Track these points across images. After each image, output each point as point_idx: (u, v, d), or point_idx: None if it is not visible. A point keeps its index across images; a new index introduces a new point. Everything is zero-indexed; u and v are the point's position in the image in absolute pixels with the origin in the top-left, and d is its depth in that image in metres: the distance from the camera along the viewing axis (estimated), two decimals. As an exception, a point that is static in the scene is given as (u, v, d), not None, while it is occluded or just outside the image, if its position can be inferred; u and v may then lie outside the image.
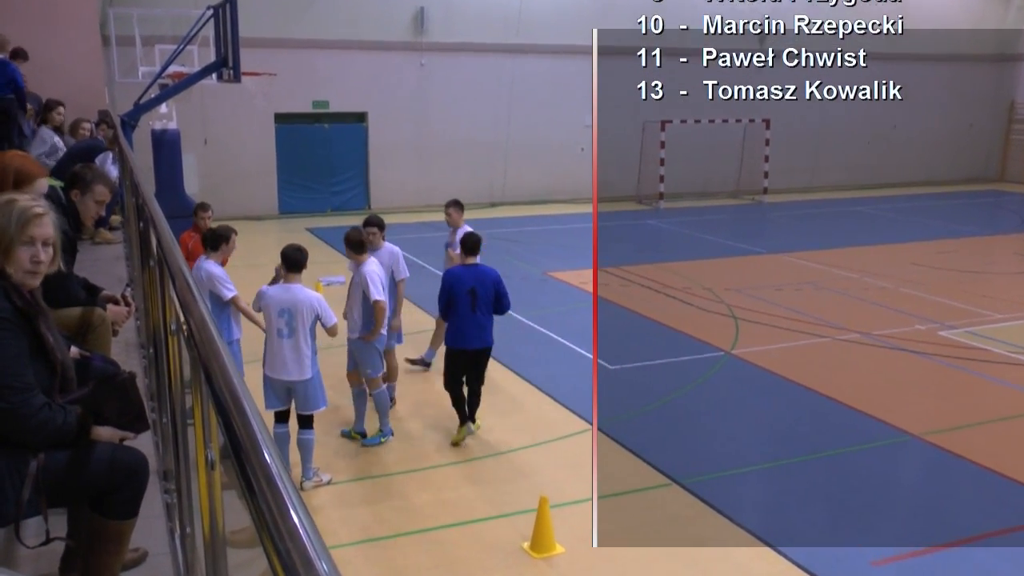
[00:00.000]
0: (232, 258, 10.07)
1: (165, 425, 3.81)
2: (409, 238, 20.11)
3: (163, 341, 3.52)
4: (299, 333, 7.71)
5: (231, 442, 1.57)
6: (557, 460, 8.86)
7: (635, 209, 26.29)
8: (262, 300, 7.82)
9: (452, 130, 25.48)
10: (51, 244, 3.14)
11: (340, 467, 8.50)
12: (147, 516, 3.46)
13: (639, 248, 19.99)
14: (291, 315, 7.69)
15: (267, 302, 7.79)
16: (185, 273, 2.76)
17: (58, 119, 11.47)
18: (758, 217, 25.79)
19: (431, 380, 10.74)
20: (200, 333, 2.14)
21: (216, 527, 2.21)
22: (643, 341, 12.67)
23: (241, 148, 23.34)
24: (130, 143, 12.95)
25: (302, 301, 7.74)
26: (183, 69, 17.66)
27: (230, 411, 1.66)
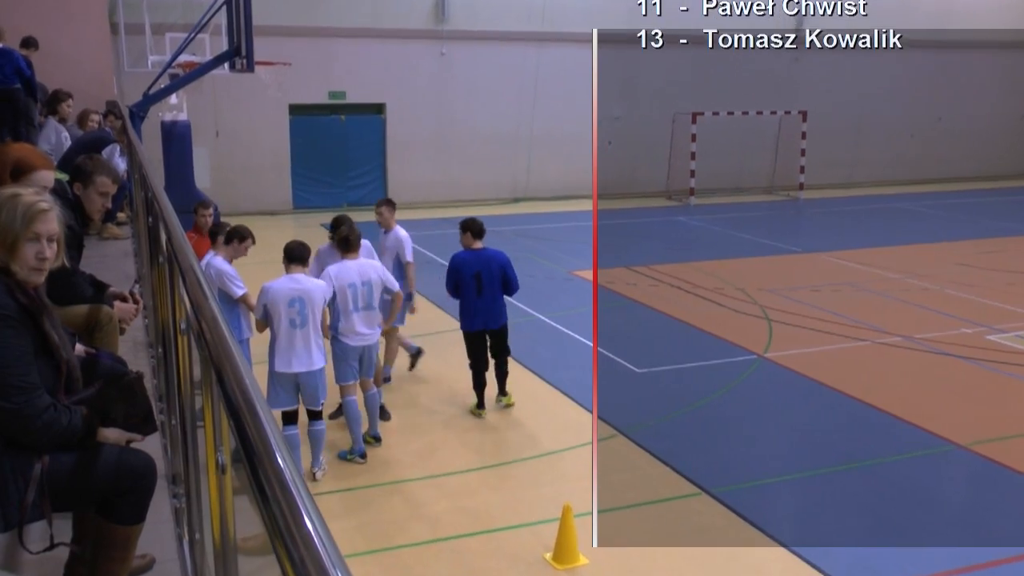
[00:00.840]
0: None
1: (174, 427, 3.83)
2: (429, 235, 20.14)
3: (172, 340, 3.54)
4: (311, 322, 7.90)
5: (243, 445, 1.57)
6: (581, 467, 8.84)
7: (665, 205, 26.21)
8: (267, 295, 7.88)
9: (473, 122, 25.50)
10: (55, 240, 3.17)
11: (355, 473, 8.53)
12: (155, 521, 3.48)
13: (668, 246, 19.93)
14: (303, 303, 7.85)
15: (274, 295, 7.86)
16: (196, 270, 2.77)
17: (66, 111, 11.57)
18: (794, 214, 25.64)
19: (449, 382, 10.75)
20: (211, 332, 2.15)
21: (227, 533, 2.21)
22: (672, 343, 12.63)
23: (254, 141, 23.46)
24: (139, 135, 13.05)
25: (312, 289, 7.96)
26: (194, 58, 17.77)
27: (242, 413, 1.66)
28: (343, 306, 8.44)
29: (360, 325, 8.53)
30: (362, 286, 8.50)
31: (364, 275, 8.56)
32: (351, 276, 8.48)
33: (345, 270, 8.51)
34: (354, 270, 8.53)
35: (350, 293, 8.43)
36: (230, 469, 2.15)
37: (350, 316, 8.47)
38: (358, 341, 8.56)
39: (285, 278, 8.08)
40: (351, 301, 8.44)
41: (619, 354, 11.95)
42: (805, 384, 11.00)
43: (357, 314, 8.48)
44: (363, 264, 8.67)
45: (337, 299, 8.43)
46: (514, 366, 11.35)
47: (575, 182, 26.71)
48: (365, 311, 8.53)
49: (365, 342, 8.62)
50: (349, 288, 8.44)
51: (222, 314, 2.27)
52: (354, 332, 8.51)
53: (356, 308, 8.47)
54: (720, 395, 10.67)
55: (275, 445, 1.50)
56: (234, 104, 22.90)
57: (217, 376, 1.93)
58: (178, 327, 3.24)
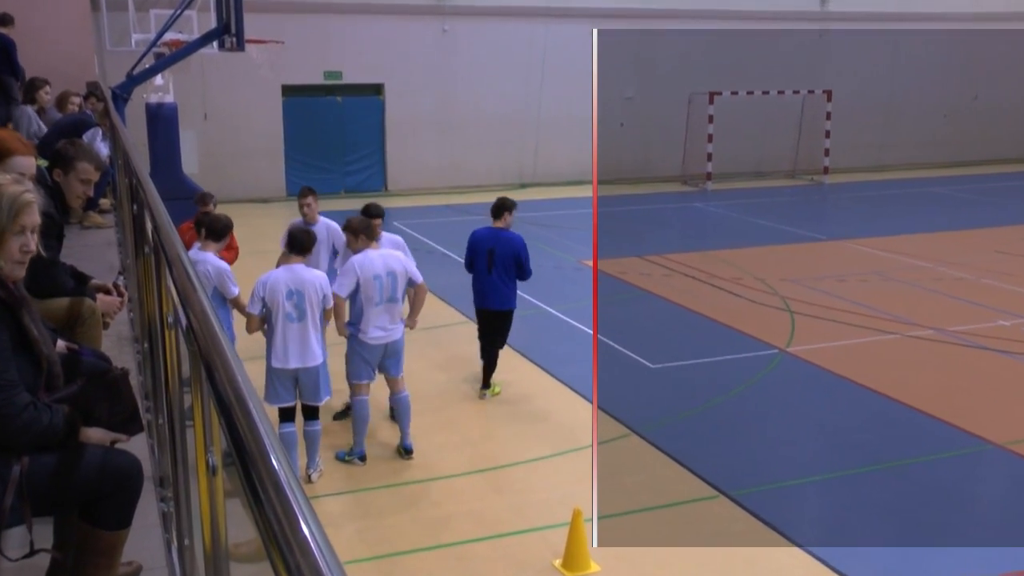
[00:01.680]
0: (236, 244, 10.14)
1: (161, 426, 3.83)
2: (430, 223, 20.18)
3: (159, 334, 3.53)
4: (308, 316, 7.92)
5: (235, 445, 1.57)
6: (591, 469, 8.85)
7: (680, 191, 26.19)
8: (265, 287, 7.90)
9: (478, 103, 25.49)
10: (35, 230, 3.18)
11: (355, 475, 8.54)
12: (141, 526, 3.48)
13: (684, 234, 19.91)
14: (300, 296, 7.87)
15: (271, 287, 7.88)
16: (184, 261, 2.76)
17: (44, 98, 11.58)
18: (818, 199, 25.61)
19: (453, 379, 10.77)
20: (201, 326, 2.14)
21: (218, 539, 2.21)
22: (688, 337, 12.63)
23: (245, 124, 23.48)
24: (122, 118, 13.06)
25: (309, 281, 7.97)
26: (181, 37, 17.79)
27: (234, 411, 1.66)
28: (367, 299, 8.44)
29: (383, 318, 8.51)
30: (387, 277, 8.50)
31: (388, 267, 8.54)
32: (375, 267, 8.47)
33: (369, 261, 8.50)
34: (379, 262, 8.52)
35: (375, 285, 8.42)
36: (221, 471, 2.15)
37: (373, 309, 8.45)
38: (379, 337, 8.53)
39: (282, 269, 8.10)
40: (376, 293, 8.42)
41: (632, 349, 11.96)
42: (829, 380, 11.00)
43: (381, 306, 8.47)
44: (388, 255, 8.66)
45: (360, 291, 8.42)
46: (521, 361, 11.38)
47: (585, 166, 26.63)
48: (389, 304, 8.52)
49: (388, 338, 8.60)
50: (375, 280, 8.42)
51: (212, 307, 2.27)
52: (375, 326, 8.48)
53: (381, 300, 8.45)
54: (739, 392, 10.67)
55: (269, 445, 1.49)
56: (223, 85, 22.91)
57: (207, 372, 1.93)
58: (165, 321, 3.24)
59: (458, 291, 14.00)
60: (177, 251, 2.90)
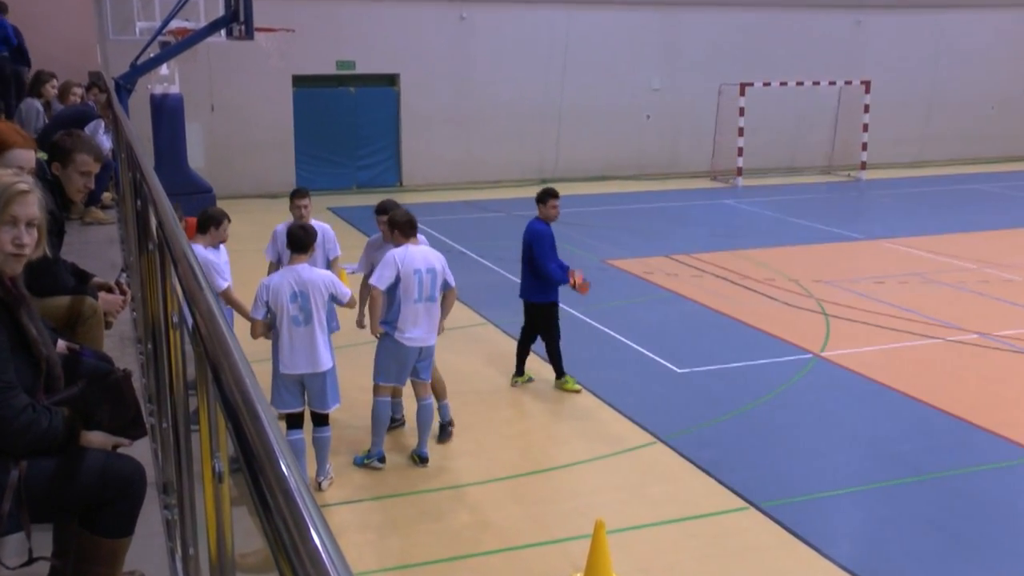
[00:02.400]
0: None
1: (165, 431, 3.85)
2: (446, 219, 20.20)
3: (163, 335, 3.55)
4: (315, 319, 7.91)
5: (242, 451, 1.57)
6: (616, 478, 8.84)
7: (709, 187, 26.12)
8: (268, 291, 7.90)
9: (497, 94, 25.50)
10: (36, 225, 3.19)
11: (367, 483, 8.56)
12: (144, 534, 3.50)
13: (713, 232, 19.85)
14: (304, 298, 7.86)
15: (275, 291, 7.88)
16: (189, 258, 2.78)
17: (50, 92, 11.67)
18: (855, 196, 25.48)
19: (468, 384, 10.77)
20: (207, 326, 2.15)
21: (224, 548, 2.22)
22: (717, 341, 12.60)
23: (254, 116, 23.57)
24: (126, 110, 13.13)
25: (313, 281, 7.95)
26: (187, 24, 17.87)
27: (241, 415, 1.66)
28: (405, 294, 8.41)
29: (422, 318, 8.49)
30: (427, 274, 8.48)
31: (428, 262, 8.53)
32: (416, 262, 8.45)
33: (410, 255, 8.48)
34: (419, 256, 8.51)
35: (415, 280, 8.41)
36: (228, 477, 2.16)
37: (412, 307, 8.42)
38: (417, 339, 8.51)
39: (285, 270, 8.12)
40: (415, 289, 8.41)
41: (658, 352, 11.94)
42: (866, 386, 10.94)
43: (420, 304, 8.45)
44: (427, 251, 8.65)
45: (400, 286, 8.41)
46: (542, 365, 11.36)
47: (610, 161, 26.67)
48: (427, 303, 8.50)
49: (426, 341, 8.58)
50: (415, 275, 8.41)
51: (219, 306, 2.28)
52: (415, 326, 8.45)
53: (420, 298, 8.44)
54: (771, 398, 10.63)
55: (278, 450, 1.50)
56: (231, 75, 23.01)
57: (213, 374, 1.94)
58: (170, 320, 3.25)
59: (473, 291, 14.01)
60: (182, 248, 2.91)
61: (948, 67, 29.44)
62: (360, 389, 9.52)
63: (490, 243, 17.90)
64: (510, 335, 12.63)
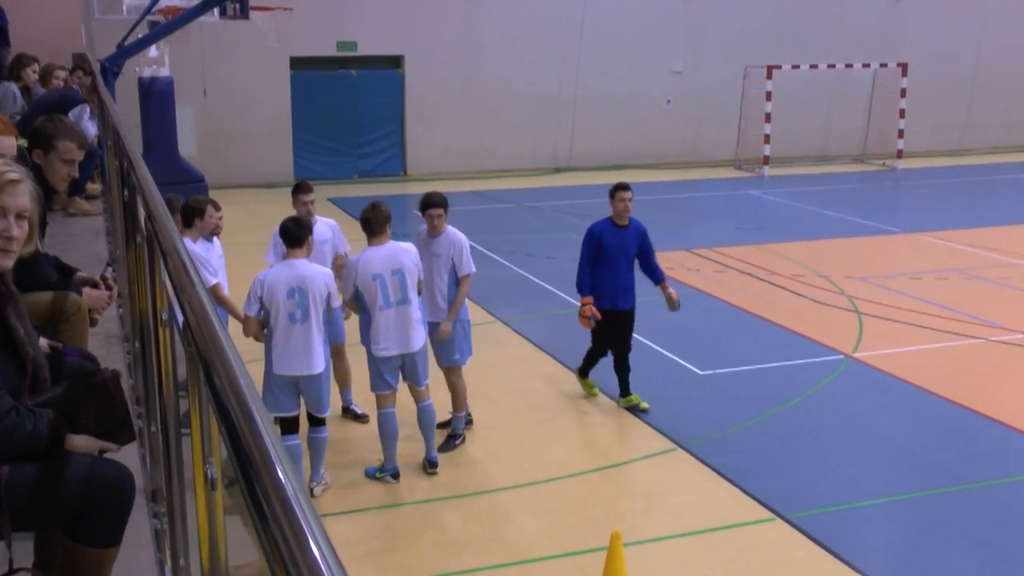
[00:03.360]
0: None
1: (154, 435, 3.86)
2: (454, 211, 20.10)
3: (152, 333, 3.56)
4: (312, 316, 7.91)
5: (237, 456, 1.58)
6: (634, 487, 8.83)
7: (734, 177, 26.08)
8: (263, 286, 7.89)
9: (508, 78, 25.48)
10: (26, 218, 3.19)
11: (367, 491, 8.57)
12: (131, 544, 3.51)
13: (738, 225, 19.81)
14: (303, 294, 7.85)
15: (270, 286, 7.86)
16: (180, 251, 2.78)
17: (31, 77, 11.69)
18: (891, 187, 25.41)
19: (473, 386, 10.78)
20: (200, 324, 2.16)
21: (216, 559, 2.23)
22: (742, 340, 12.58)
23: (249, 100, 23.61)
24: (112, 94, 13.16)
25: (313, 277, 7.95)
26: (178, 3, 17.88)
27: (235, 418, 1.67)
28: (371, 303, 8.34)
29: (393, 325, 8.40)
30: (392, 276, 8.37)
31: (395, 262, 8.41)
32: (374, 266, 8.36)
33: (366, 260, 8.37)
34: (379, 259, 8.39)
35: (376, 286, 8.33)
36: (221, 484, 2.16)
37: (380, 315, 8.35)
38: (390, 349, 8.44)
39: (281, 265, 8.12)
40: (379, 295, 8.33)
41: (679, 353, 11.92)
42: (902, 389, 10.92)
43: (390, 311, 8.38)
44: (394, 249, 8.49)
45: (363, 296, 8.35)
46: (554, 365, 11.36)
47: (628, 149, 26.63)
48: (400, 307, 8.41)
49: (403, 349, 8.50)
50: (375, 280, 8.32)
51: (211, 302, 2.28)
52: (386, 335, 8.38)
53: (387, 304, 8.36)
54: (799, 402, 10.62)
55: (275, 456, 1.50)
56: (225, 57, 23.04)
57: (206, 375, 1.94)
58: (159, 318, 3.26)
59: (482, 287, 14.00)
60: (173, 241, 2.92)
61: (992, 48, 29.29)
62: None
63: (500, 236, 17.89)
64: (521, 334, 12.64)
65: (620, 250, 10.05)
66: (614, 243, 10.04)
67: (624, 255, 10.07)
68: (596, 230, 10.13)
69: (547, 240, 17.65)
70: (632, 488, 8.80)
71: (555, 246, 17.02)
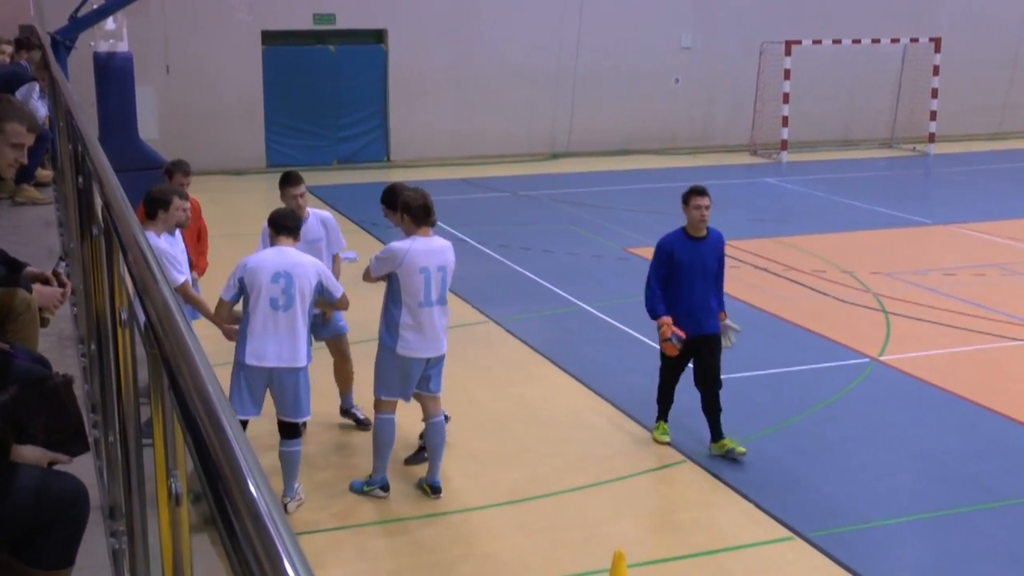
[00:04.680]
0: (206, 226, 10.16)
1: (112, 445, 3.86)
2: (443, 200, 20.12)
3: (110, 334, 3.56)
4: (297, 304, 7.89)
5: (204, 469, 1.58)
6: (638, 503, 8.84)
7: (749, 163, 26.10)
8: (246, 268, 7.89)
9: (502, 55, 25.49)
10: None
11: (346, 508, 8.57)
12: (87, 566, 3.51)
13: (753, 216, 19.83)
14: (289, 279, 7.85)
15: (255, 267, 7.86)
16: (141, 244, 2.78)
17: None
18: (921, 174, 25.45)
19: (461, 391, 10.78)
20: (163, 323, 2.16)
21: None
22: (757, 342, 12.57)
23: (216, 79, 23.57)
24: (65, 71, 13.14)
25: (302, 263, 8.00)
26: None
27: (203, 427, 1.67)
28: (413, 297, 8.25)
29: (437, 322, 8.38)
30: (437, 272, 8.31)
31: (443, 259, 8.38)
32: (423, 258, 8.26)
33: (415, 251, 8.27)
34: (427, 251, 8.33)
35: (422, 280, 8.24)
36: (186, 499, 2.16)
37: (422, 311, 8.27)
38: (425, 349, 8.36)
39: (271, 249, 8.15)
40: (422, 291, 8.25)
41: (689, 357, 11.92)
42: (935, 396, 10.93)
43: (432, 308, 8.30)
44: (444, 245, 8.50)
45: (403, 286, 8.26)
46: (551, 369, 11.36)
47: (633, 132, 26.66)
48: (440, 305, 8.37)
49: (437, 351, 8.46)
50: (420, 273, 8.23)
51: (177, 300, 2.28)
52: (421, 336, 8.30)
53: (429, 301, 8.28)
54: (820, 410, 10.63)
55: (246, 468, 1.50)
56: (190, 31, 23.02)
57: (170, 379, 1.94)
58: (118, 317, 3.26)
59: (472, 283, 14.01)
60: (133, 233, 2.92)
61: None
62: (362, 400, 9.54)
63: (492, 228, 17.90)
64: (515, 335, 12.63)
65: (696, 265, 9.38)
66: (689, 257, 9.38)
67: (701, 270, 9.40)
68: (667, 243, 9.50)
69: (544, 232, 17.65)
70: (636, 504, 8.80)
71: (553, 239, 17.03)
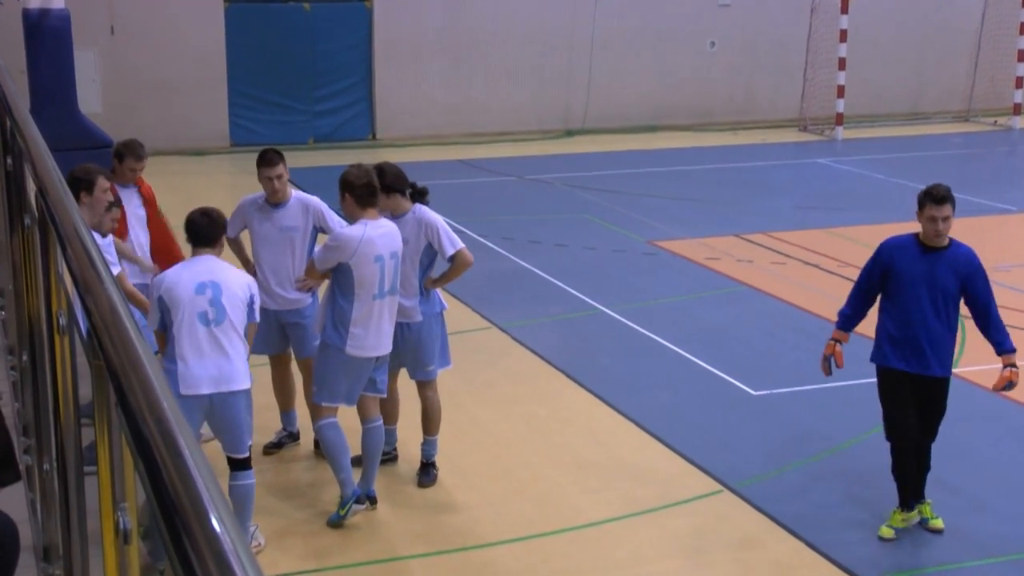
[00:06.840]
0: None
1: (47, 474, 3.86)
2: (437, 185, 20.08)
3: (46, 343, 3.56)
4: (229, 318, 7.79)
5: (159, 501, 1.58)
6: (668, 540, 8.83)
7: (798, 140, 26.08)
8: (160, 286, 7.79)
9: (507, 16, 25.49)
10: None
11: (329, 545, 8.57)
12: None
13: (803, 203, 19.83)
14: (217, 288, 7.76)
15: (171, 283, 7.76)
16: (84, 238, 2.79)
17: None
18: (1004, 152, 25.40)
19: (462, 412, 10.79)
20: (110, 330, 2.16)
21: (131, 635, 2.23)
22: (807, 352, 12.54)
23: (170, 42, 23.57)
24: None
25: (227, 273, 7.97)
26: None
27: (157, 451, 1.67)
28: (363, 290, 8.35)
29: (387, 315, 8.52)
30: (391, 259, 8.44)
31: (394, 244, 8.51)
32: (376, 246, 8.36)
33: (368, 238, 8.37)
34: (380, 237, 8.44)
35: (376, 270, 8.35)
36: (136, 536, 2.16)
37: (372, 305, 8.40)
38: (376, 347, 8.51)
39: (186, 262, 8.20)
40: (376, 283, 8.36)
41: (727, 369, 11.90)
42: (1019, 413, 10.90)
43: (383, 300, 8.45)
44: (394, 228, 8.63)
45: (355, 279, 8.33)
46: (567, 383, 11.34)
47: (661, 106, 26.64)
48: (391, 295, 8.51)
49: (387, 348, 8.60)
50: (375, 263, 8.34)
51: (124, 303, 2.29)
52: (373, 328, 8.44)
53: (381, 293, 8.41)
54: (878, 433, 10.61)
55: (208, 499, 1.50)
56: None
57: (118, 396, 1.94)
58: (55, 323, 3.26)
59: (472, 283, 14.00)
60: (74, 223, 2.92)
61: None
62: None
63: (495, 218, 17.89)
64: (521, 343, 12.60)
65: (923, 282, 8.63)
66: (914, 270, 8.68)
67: (929, 290, 8.64)
68: (889, 246, 8.91)
69: (556, 223, 17.66)
70: (666, 541, 8.78)
71: (566, 231, 17.01)
